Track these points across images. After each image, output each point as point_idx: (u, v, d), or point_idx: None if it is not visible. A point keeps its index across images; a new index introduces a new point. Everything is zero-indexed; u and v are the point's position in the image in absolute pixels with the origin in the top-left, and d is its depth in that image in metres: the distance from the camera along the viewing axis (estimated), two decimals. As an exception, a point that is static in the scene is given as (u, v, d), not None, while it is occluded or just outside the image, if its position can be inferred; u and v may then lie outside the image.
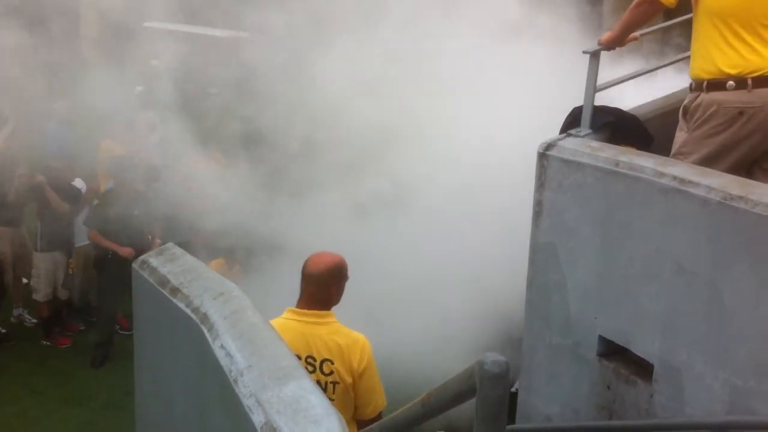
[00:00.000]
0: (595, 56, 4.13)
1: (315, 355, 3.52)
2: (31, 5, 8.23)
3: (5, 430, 6.52)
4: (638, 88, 5.03)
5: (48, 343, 7.83)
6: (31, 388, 7.04)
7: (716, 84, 3.70)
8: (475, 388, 1.69)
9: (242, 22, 8.85)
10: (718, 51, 3.69)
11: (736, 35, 3.65)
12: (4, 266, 7.81)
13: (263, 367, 2.19)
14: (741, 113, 3.64)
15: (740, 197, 3.02)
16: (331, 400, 3.47)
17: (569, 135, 4.04)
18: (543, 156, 3.91)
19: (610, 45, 4.14)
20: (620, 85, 4.38)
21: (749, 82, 3.62)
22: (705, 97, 3.74)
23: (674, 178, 3.28)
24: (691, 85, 3.89)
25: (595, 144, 3.86)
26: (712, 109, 3.70)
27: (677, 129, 3.98)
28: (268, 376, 2.15)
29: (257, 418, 2.00)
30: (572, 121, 4.33)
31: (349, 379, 3.53)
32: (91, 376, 7.26)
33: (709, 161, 3.67)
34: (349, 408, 3.56)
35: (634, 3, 3.96)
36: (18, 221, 7.96)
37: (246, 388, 2.11)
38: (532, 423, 4.03)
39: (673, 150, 3.92)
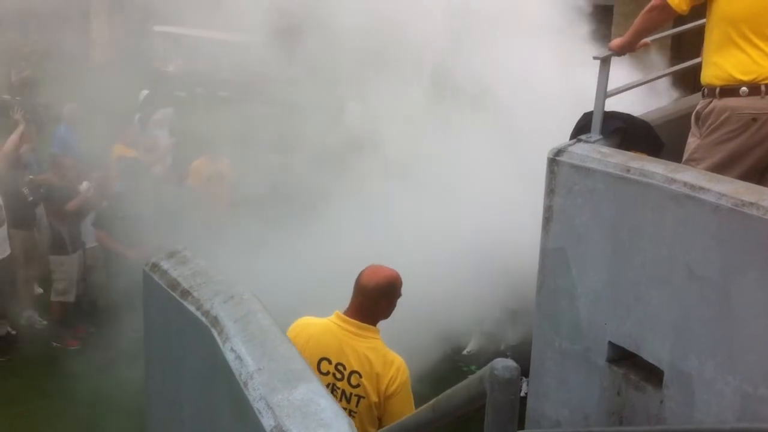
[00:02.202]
0: (605, 62, 4.12)
1: (345, 364, 3.49)
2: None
3: (15, 431, 6.55)
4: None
5: (57, 345, 7.86)
6: (41, 390, 7.05)
7: (729, 90, 3.68)
8: (486, 393, 1.69)
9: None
10: (730, 57, 3.68)
11: (749, 41, 3.64)
12: (15, 268, 7.84)
13: (273, 370, 2.20)
14: (754, 120, 3.63)
15: (752, 204, 3.01)
16: (354, 412, 3.47)
17: (579, 140, 4.03)
18: (553, 162, 3.90)
19: (621, 51, 4.13)
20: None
21: (762, 88, 3.61)
22: (718, 103, 3.72)
23: (685, 184, 3.27)
24: (703, 91, 3.88)
25: (606, 150, 3.85)
26: (725, 116, 3.69)
27: (689, 135, 3.97)
28: (278, 379, 2.15)
29: (267, 422, 2.00)
30: (582, 127, 4.32)
31: (375, 398, 3.48)
32: (100, 377, 7.26)
33: (721, 167, 3.65)
34: (373, 424, 3.53)
35: (645, 9, 3.94)
36: (30, 224, 8.00)
37: (256, 391, 2.12)
38: (542, 429, 4.02)
39: (685, 156, 3.91)
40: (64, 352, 7.75)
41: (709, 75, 3.79)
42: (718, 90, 3.73)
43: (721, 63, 3.72)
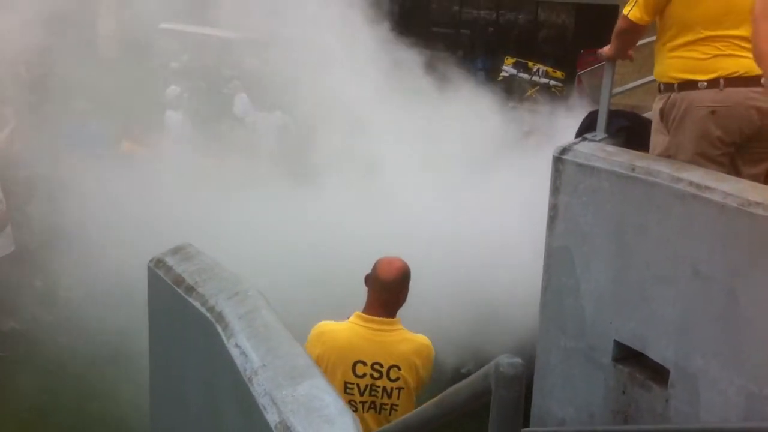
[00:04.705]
0: (610, 61, 4.12)
1: (382, 362, 3.55)
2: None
3: (19, 426, 6.56)
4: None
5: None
6: (43, 386, 7.04)
7: (687, 84, 3.69)
8: (490, 390, 1.69)
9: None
10: (688, 59, 3.69)
11: (707, 44, 3.64)
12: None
13: (278, 366, 2.20)
14: (713, 113, 3.63)
15: (758, 203, 3.01)
16: (396, 405, 3.56)
17: (585, 139, 4.03)
18: (558, 160, 3.90)
19: (610, 60, 4.14)
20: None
21: (721, 81, 3.60)
22: (676, 96, 3.73)
23: (691, 183, 3.26)
24: (660, 86, 3.87)
25: (611, 148, 3.84)
26: (684, 107, 3.70)
27: (654, 132, 3.95)
28: (282, 375, 2.15)
29: (271, 417, 2.00)
30: (588, 125, 4.32)
31: (413, 384, 3.59)
32: (105, 373, 7.26)
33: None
34: (412, 409, 3.61)
35: (615, 33, 3.96)
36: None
37: (260, 387, 2.12)
38: (547, 427, 4.02)
39: (657, 154, 3.89)
40: (68, 349, 7.75)
41: (665, 75, 3.80)
42: (676, 85, 3.73)
43: (678, 64, 3.73)
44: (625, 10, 3.83)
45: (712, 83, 3.61)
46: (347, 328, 3.61)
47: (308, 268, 6.02)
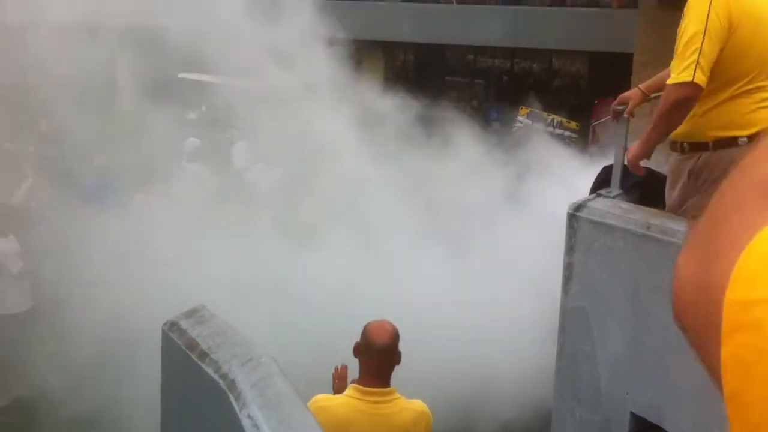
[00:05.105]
0: (619, 115, 4.10)
1: None
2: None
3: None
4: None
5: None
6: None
7: (726, 141, 3.47)
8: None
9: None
10: (726, 114, 3.49)
11: (748, 96, 3.46)
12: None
13: (289, 440, 2.18)
14: None
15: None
16: None
17: (599, 195, 4.01)
18: (573, 217, 3.88)
19: (639, 159, 3.71)
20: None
21: (762, 135, 3.45)
22: (711, 155, 3.49)
23: (707, 243, 3.22)
24: (683, 146, 3.59)
25: (626, 206, 3.82)
26: (722, 167, 3.43)
27: (681, 189, 3.77)
28: (293, 449, 2.13)
29: (283, 495, 1.98)
30: (602, 181, 4.30)
31: None
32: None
33: None
34: None
35: (669, 107, 3.46)
36: None
37: (272, 462, 2.10)
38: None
39: (681, 210, 3.74)
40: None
41: (697, 134, 3.55)
42: (711, 143, 3.50)
43: (715, 122, 3.50)
44: (684, 77, 3.35)
45: (753, 138, 3.37)
46: (344, 403, 3.49)
47: (308, 328, 5.98)
